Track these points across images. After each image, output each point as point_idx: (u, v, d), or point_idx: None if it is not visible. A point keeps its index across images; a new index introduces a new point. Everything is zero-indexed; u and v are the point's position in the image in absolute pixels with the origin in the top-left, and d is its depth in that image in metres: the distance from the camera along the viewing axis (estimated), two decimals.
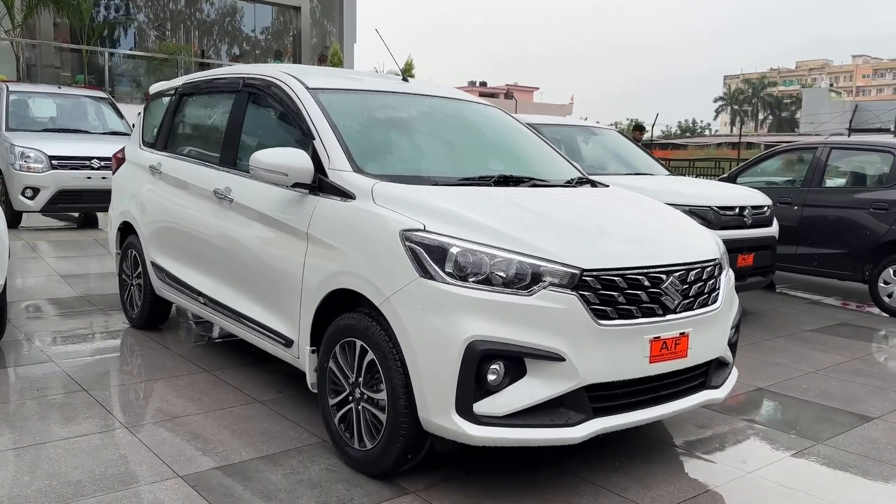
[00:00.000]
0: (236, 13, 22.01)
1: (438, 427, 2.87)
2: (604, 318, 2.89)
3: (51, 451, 3.33)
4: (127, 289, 5.56)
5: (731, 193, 6.58)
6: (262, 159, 3.50)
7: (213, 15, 21.66)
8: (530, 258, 2.85)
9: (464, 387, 2.78)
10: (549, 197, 3.58)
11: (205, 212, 4.36)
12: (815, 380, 4.98)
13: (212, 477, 3.15)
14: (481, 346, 2.76)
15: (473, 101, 4.63)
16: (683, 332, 3.11)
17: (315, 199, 3.49)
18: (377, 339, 3.05)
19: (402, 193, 3.22)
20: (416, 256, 2.92)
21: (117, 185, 5.75)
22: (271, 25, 22.33)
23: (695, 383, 3.31)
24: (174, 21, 20.53)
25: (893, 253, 7.22)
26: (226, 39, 22.16)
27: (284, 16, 21.77)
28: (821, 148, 8.10)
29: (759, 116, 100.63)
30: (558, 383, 2.83)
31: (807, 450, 3.73)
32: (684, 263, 3.17)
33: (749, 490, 3.27)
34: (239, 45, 22.28)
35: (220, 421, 3.77)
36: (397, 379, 2.97)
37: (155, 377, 4.41)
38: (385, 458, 3.07)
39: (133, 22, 19.09)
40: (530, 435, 2.84)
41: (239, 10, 21.36)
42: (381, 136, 4.02)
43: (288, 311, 3.62)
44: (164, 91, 5.57)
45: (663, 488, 3.23)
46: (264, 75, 4.19)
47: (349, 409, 3.26)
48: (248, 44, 22.32)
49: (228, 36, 22.12)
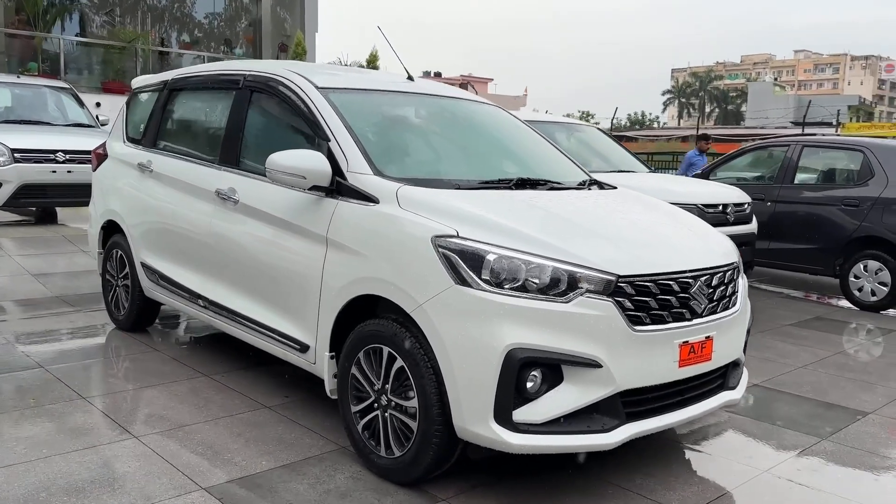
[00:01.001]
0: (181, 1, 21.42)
1: (475, 435, 2.85)
2: (638, 323, 2.91)
3: (61, 464, 3.21)
4: (112, 290, 5.39)
5: (715, 191, 6.70)
6: (279, 161, 3.41)
7: (165, 1, 21.05)
8: (567, 265, 2.85)
9: (503, 395, 2.77)
10: (571, 200, 3.59)
11: (204, 212, 4.25)
12: (805, 375, 5.11)
13: (236, 489, 3.08)
14: (521, 354, 2.75)
15: (478, 100, 4.60)
16: (708, 335, 3.15)
17: (333, 203, 3.42)
18: (407, 346, 3.01)
19: (428, 198, 3.18)
20: (451, 263, 2.89)
21: (99, 182, 5.56)
22: (223, 12, 21.82)
23: (715, 385, 3.37)
24: (123, 6, 19.85)
25: (863, 248, 7.45)
26: (175, 26, 21.52)
27: (243, 3, 21.32)
28: (793, 145, 8.30)
29: (706, 109, 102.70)
30: (595, 390, 2.84)
31: (813, 447, 3.83)
32: (710, 268, 3.21)
33: (768, 489, 3.33)
34: (192, 33, 21.69)
35: (231, 429, 3.68)
36: (430, 386, 2.94)
37: (153, 383, 4.29)
38: (416, 466, 3.04)
39: (77, 5, 18.34)
40: (568, 442, 2.85)
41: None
42: (395, 137, 3.96)
43: (303, 315, 3.55)
44: (149, 85, 5.39)
45: (686, 489, 3.27)
46: (269, 73, 4.09)
47: (374, 416, 3.21)
48: (200, 31, 21.73)
49: (181, 23, 21.51)
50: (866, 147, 7.68)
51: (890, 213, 7.23)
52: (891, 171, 7.35)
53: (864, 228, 7.41)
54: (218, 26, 22.25)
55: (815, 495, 3.30)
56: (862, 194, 7.47)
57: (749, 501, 3.23)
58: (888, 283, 7.27)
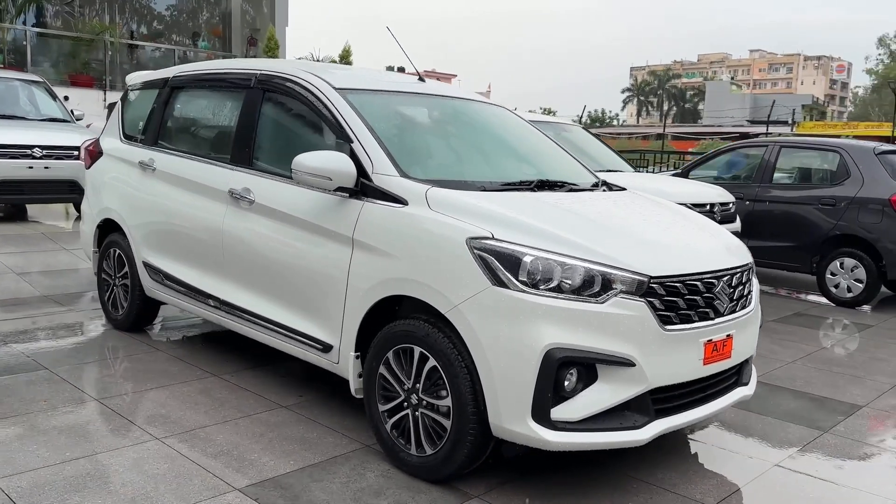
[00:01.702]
0: None
1: (512, 433, 2.91)
2: (668, 323, 3.00)
3: (88, 467, 3.19)
4: (109, 289, 5.32)
5: (702, 191, 6.87)
6: (305, 163, 3.42)
7: None
8: (601, 266, 2.92)
9: (541, 393, 2.83)
10: (591, 202, 3.67)
11: (215, 212, 4.23)
12: (796, 370, 5.29)
13: (270, 489, 3.09)
14: (559, 354, 2.82)
15: (487, 102, 4.66)
16: (729, 333, 3.26)
17: (359, 204, 3.44)
18: (441, 346, 3.05)
19: (458, 199, 3.23)
20: (487, 265, 2.94)
21: (94, 180, 5.48)
22: (192, 5, 21.46)
23: (731, 381, 3.48)
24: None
25: (840, 246, 7.70)
26: (143, 19, 21.13)
27: None
28: (771, 146, 8.52)
29: (665, 107, 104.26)
30: (628, 388, 2.92)
31: (817, 439, 3.98)
32: (731, 268, 3.32)
33: (782, 481, 3.46)
34: (158, 25, 21.30)
35: (251, 429, 3.68)
36: (464, 385, 2.99)
37: (163, 383, 4.26)
38: (449, 463, 3.09)
39: None
40: (602, 438, 2.92)
41: None
42: (414, 138, 4.00)
43: (326, 315, 3.57)
44: (148, 82, 5.33)
45: (706, 483, 3.38)
46: (283, 73, 4.08)
47: (404, 415, 3.25)
48: (166, 23, 21.33)
49: (147, 15, 21.11)
50: (842, 148, 7.94)
51: (865, 213, 7.49)
52: (866, 171, 7.61)
53: (840, 227, 7.65)
54: (185, 19, 21.89)
55: (829, 486, 3.44)
56: (838, 194, 7.72)
57: (766, 493, 3.35)
58: (863, 280, 7.53)
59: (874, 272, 7.48)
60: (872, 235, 7.45)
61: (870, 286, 7.52)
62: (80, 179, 9.11)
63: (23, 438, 3.43)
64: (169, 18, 21.90)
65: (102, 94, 15.69)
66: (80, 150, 9.16)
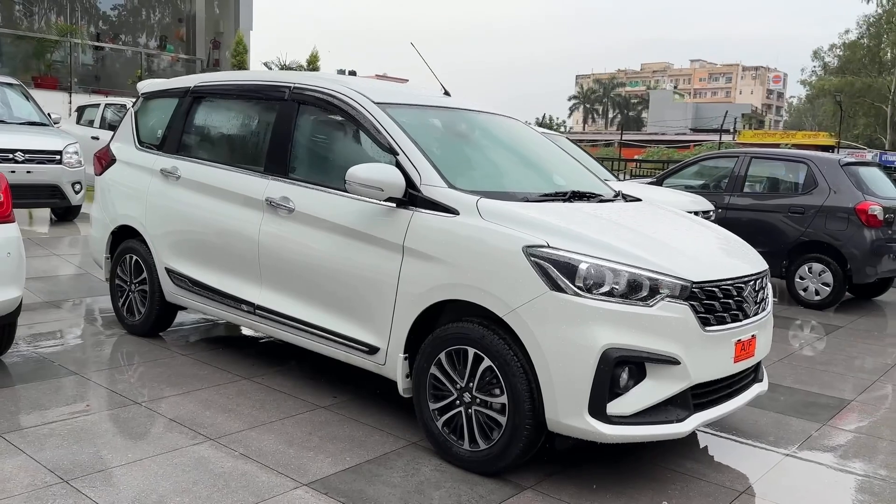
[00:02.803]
0: None
1: (569, 428, 3.15)
2: (707, 324, 3.28)
3: (154, 467, 3.30)
4: (125, 295, 5.37)
5: (686, 199, 7.23)
6: (358, 174, 3.60)
7: None
8: (649, 272, 3.18)
9: (598, 390, 3.08)
10: (624, 212, 3.94)
11: (250, 220, 4.35)
12: (784, 369, 5.66)
13: (337, 482, 3.26)
14: (615, 353, 3.07)
15: (506, 115, 4.89)
16: (754, 334, 3.57)
17: (408, 213, 3.63)
18: (497, 347, 3.27)
19: (508, 209, 3.45)
20: (544, 271, 3.17)
21: (108, 187, 5.51)
22: (156, 8, 21.18)
23: (750, 378, 3.79)
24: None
25: (808, 252, 8.18)
26: (85, 18, 20.62)
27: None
28: (741, 157, 8.99)
29: (610, 115, 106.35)
30: (674, 384, 3.19)
31: (819, 431, 4.32)
32: (755, 273, 3.63)
33: (798, 469, 3.78)
34: (122, 28, 20.93)
35: (298, 429, 3.83)
36: (521, 384, 3.21)
37: (198, 387, 4.37)
38: (504, 457, 3.31)
39: None
40: (651, 431, 3.18)
41: None
42: (454, 151, 4.21)
43: (374, 319, 3.75)
44: (166, 91, 5.41)
45: (732, 471, 3.68)
46: (321, 87, 4.24)
47: (457, 412, 3.46)
48: (131, 26, 21.00)
49: (95, 15, 20.65)
50: (810, 160, 8.44)
51: (832, 220, 7.98)
52: (832, 181, 8.11)
53: (808, 234, 8.14)
54: (148, 22, 21.57)
55: (840, 475, 3.77)
56: (806, 203, 8.20)
57: (786, 479, 3.66)
58: (830, 284, 8.02)
59: (840, 276, 7.98)
60: (839, 242, 7.95)
61: (836, 290, 8.01)
62: (63, 184, 9.09)
63: (80, 441, 3.52)
64: (122, 20, 21.55)
65: (67, 96, 15.41)
66: (61, 155, 9.09)
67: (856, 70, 54.56)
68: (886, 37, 51.49)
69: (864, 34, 54.17)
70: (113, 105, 13.11)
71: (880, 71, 54.02)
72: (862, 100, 54.36)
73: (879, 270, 8.08)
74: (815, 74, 59.18)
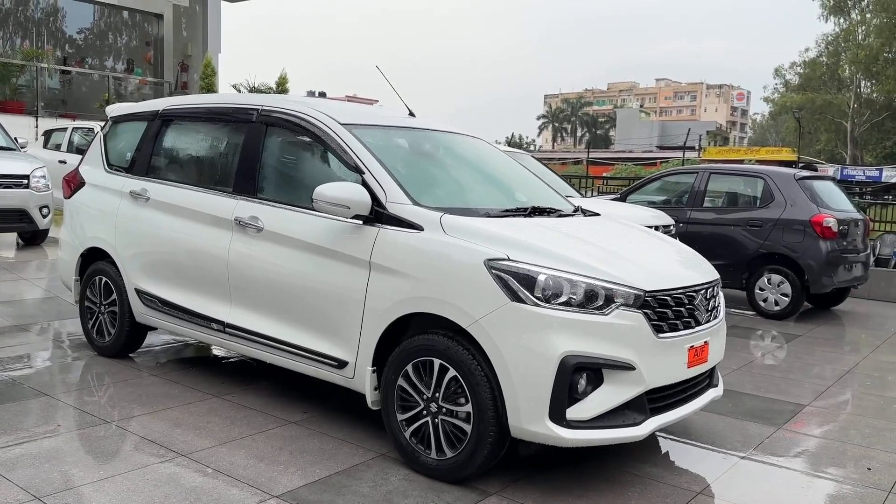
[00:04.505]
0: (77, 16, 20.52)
1: (531, 433, 3.27)
2: (660, 331, 3.43)
3: (126, 483, 3.35)
4: (94, 316, 5.40)
5: (647, 214, 7.43)
6: (326, 193, 3.71)
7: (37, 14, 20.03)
8: (605, 282, 3.33)
9: (558, 396, 3.21)
10: (582, 226, 4.10)
11: (219, 239, 4.43)
12: (743, 376, 5.84)
13: (307, 494, 3.34)
14: (573, 360, 3.21)
15: (469, 134, 5.04)
16: (706, 340, 3.73)
17: (375, 230, 3.75)
18: (461, 357, 3.39)
19: (470, 225, 3.59)
20: (506, 283, 3.30)
21: (78, 209, 5.55)
22: (123, 32, 21.17)
23: (706, 383, 3.95)
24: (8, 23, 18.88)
25: (767, 264, 8.43)
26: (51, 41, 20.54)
27: (140, 22, 20.75)
28: (701, 173, 9.25)
29: (578, 134, 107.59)
30: (630, 389, 3.33)
31: (774, 434, 4.49)
32: (707, 282, 3.80)
33: (754, 471, 3.93)
34: (89, 51, 20.84)
35: (269, 444, 3.90)
36: (484, 392, 3.33)
37: (169, 405, 4.42)
38: (470, 465, 3.41)
39: None
40: (609, 435, 3.32)
41: (89, 15, 20.06)
42: (418, 169, 4.34)
43: (341, 334, 3.85)
44: (134, 114, 5.48)
45: (689, 474, 3.82)
46: (288, 109, 4.35)
47: (423, 423, 3.56)
48: (98, 50, 20.93)
49: (62, 39, 20.58)
50: (766, 175, 8.72)
51: (789, 232, 8.24)
52: (788, 195, 8.38)
53: (766, 246, 8.39)
54: (115, 46, 21.52)
55: (792, 475, 3.93)
56: (764, 216, 8.46)
57: (741, 481, 3.81)
58: (789, 294, 8.27)
59: (798, 287, 8.23)
60: (796, 253, 8.20)
61: (795, 299, 8.26)
62: (30, 208, 9.07)
63: (52, 460, 3.55)
64: (90, 43, 21.47)
65: (34, 120, 15.33)
66: (28, 179, 9.07)
67: (816, 87, 55.98)
68: (844, 55, 52.90)
69: (823, 52, 55.67)
70: (80, 129, 13.08)
71: (839, 88, 55.51)
72: (823, 116, 55.77)
73: (836, 280, 8.35)
74: (777, 92, 60.66)
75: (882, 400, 5.44)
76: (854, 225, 8.64)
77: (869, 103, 53.94)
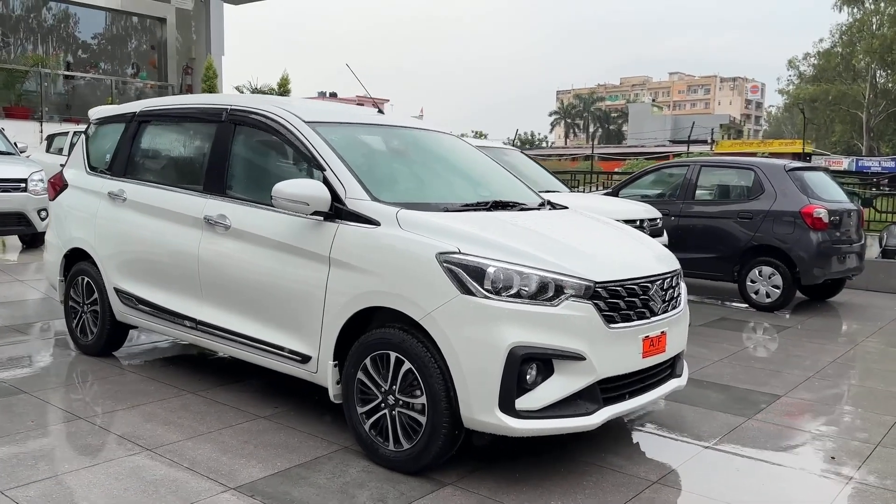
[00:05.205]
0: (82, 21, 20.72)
1: (482, 423, 3.31)
2: (612, 322, 3.46)
3: (89, 476, 3.43)
4: (77, 316, 5.50)
5: (632, 208, 7.45)
6: (284, 190, 3.77)
7: (51, 21, 20.32)
8: (554, 274, 3.36)
9: (507, 387, 3.25)
10: (541, 219, 4.13)
11: (190, 238, 4.51)
12: (723, 367, 5.85)
13: (263, 486, 3.40)
14: (521, 351, 3.24)
15: (440, 131, 5.08)
16: (663, 330, 3.75)
17: (334, 226, 3.80)
18: (415, 349, 3.44)
19: (426, 219, 3.63)
20: (456, 276, 3.34)
21: (60, 211, 5.66)
22: (127, 36, 21.38)
23: (667, 374, 3.97)
24: (19, 29, 19.13)
25: (758, 256, 8.40)
26: (62, 47, 20.79)
27: (146, 26, 20.96)
28: (692, 166, 9.23)
29: (591, 129, 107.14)
30: (581, 379, 3.36)
31: (742, 425, 4.50)
32: (662, 273, 3.81)
33: (713, 459, 3.95)
34: (85, 54, 21.06)
35: (235, 438, 3.97)
36: (438, 384, 3.37)
37: (143, 401, 4.50)
38: (425, 455, 3.46)
39: None
40: (560, 424, 3.35)
41: (93, 20, 20.29)
42: (381, 165, 4.39)
43: (305, 329, 3.90)
44: (112, 116, 5.57)
45: (649, 463, 3.85)
46: (254, 108, 4.42)
47: (382, 415, 3.61)
48: (92, 53, 21.11)
49: (73, 44, 20.83)
50: (756, 166, 8.69)
51: (779, 224, 8.21)
52: (778, 186, 8.35)
53: (757, 238, 8.36)
54: (119, 49, 21.74)
55: (753, 464, 3.94)
56: (754, 208, 8.44)
57: (700, 470, 3.83)
58: (780, 286, 8.24)
59: (789, 278, 8.20)
60: (786, 245, 8.17)
61: (786, 291, 8.23)
62: (28, 212, 9.21)
63: (20, 455, 3.64)
64: (99, 48, 21.70)
65: (39, 125, 15.56)
66: (26, 182, 9.22)
67: (831, 78, 55.47)
68: (859, 45, 52.34)
69: (837, 42, 55.15)
70: (81, 132, 13.22)
71: (854, 78, 54.94)
72: (837, 107, 55.23)
73: (827, 272, 8.31)
74: (791, 83, 60.21)
75: (859, 390, 5.43)
76: (847, 216, 8.59)
77: (884, 93, 53.39)
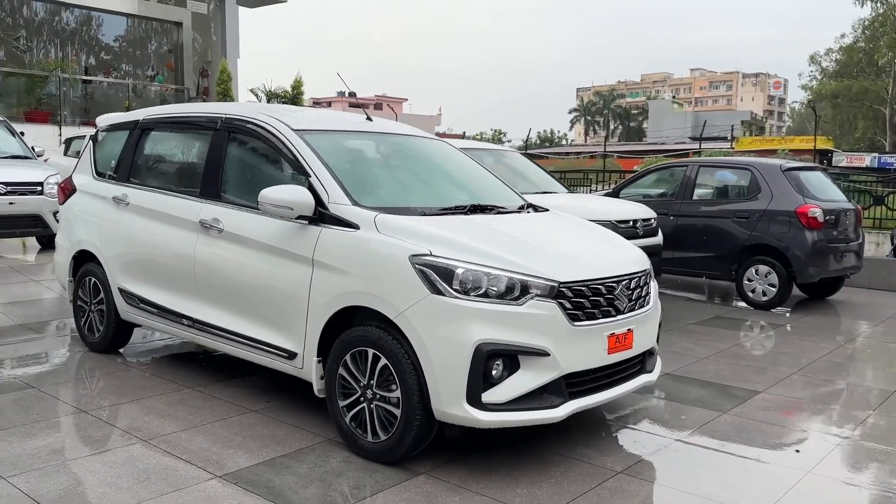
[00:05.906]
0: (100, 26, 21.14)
1: (451, 416, 3.51)
2: (576, 320, 3.64)
3: (86, 465, 3.68)
4: (85, 315, 5.77)
5: (626, 209, 7.59)
6: (269, 195, 4.00)
7: (74, 25, 20.75)
8: (520, 275, 3.55)
9: (474, 381, 3.44)
10: (516, 222, 4.31)
11: (187, 240, 4.75)
12: (708, 364, 5.99)
13: (247, 474, 3.63)
14: (487, 348, 3.44)
15: (426, 136, 5.28)
16: (629, 328, 3.92)
17: (317, 230, 4.02)
18: (390, 346, 3.64)
19: (402, 223, 3.84)
20: (427, 277, 3.54)
21: (69, 214, 5.93)
22: (144, 40, 21.81)
23: (636, 369, 4.14)
24: (42, 32, 19.61)
25: (755, 255, 8.51)
26: (84, 49, 21.23)
27: (164, 30, 21.38)
28: (690, 166, 9.36)
29: (611, 127, 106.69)
30: (545, 374, 3.55)
31: (716, 419, 4.65)
32: (629, 273, 3.98)
33: (680, 451, 4.12)
34: (107, 56, 21.52)
35: (226, 430, 4.20)
36: (410, 379, 3.58)
37: (143, 396, 4.75)
38: (400, 446, 3.67)
39: None
40: (525, 417, 3.54)
41: (111, 24, 20.73)
42: (364, 171, 4.60)
43: (291, 327, 4.13)
44: (118, 124, 5.83)
45: (618, 455, 4.02)
46: (246, 116, 4.65)
47: (361, 408, 3.82)
48: (122, 59, 21.62)
49: (95, 47, 21.29)
50: (752, 166, 8.79)
51: (776, 224, 8.32)
52: (774, 186, 8.45)
53: (754, 237, 8.47)
54: (137, 53, 22.17)
55: (719, 455, 4.10)
56: (751, 207, 8.55)
57: (666, 461, 4.00)
58: (776, 285, 8.34)
59: (785, 277, 8.30)
60: (782, 244, 8.28)
61: (782, 289, 8.34)
62: (44, 214, 9.54)
63: (23, 447, 3.89)
64: (119, 51, 22.13)
65: (58, 129, 15.98)
66: (42, 186, 9.55)
67: (853, 73, 54.91)
68: (882, 40, 51.73)
69: (859, 38, 54.55)
70: None
71: (878, 73, 54.32)
72: (860, 103, 54.64)
73: (823, 270, 8.40)
74: (814, 79, 59.67)
75: (838, 386, 5.55)
76: (844, 215, 8.67)
77: None
